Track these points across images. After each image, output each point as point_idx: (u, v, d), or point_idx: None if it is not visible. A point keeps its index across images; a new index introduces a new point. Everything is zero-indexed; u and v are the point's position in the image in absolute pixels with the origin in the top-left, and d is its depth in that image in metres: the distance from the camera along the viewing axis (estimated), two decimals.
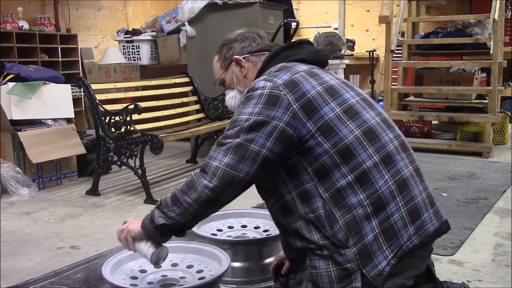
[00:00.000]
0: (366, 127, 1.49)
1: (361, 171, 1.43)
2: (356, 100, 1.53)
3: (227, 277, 2.02)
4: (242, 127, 1.45)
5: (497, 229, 2.88)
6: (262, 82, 1.50)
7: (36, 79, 4.00)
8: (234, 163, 1.42)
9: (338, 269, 1.40)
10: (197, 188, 1.44)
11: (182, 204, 1.47)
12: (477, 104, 5.56)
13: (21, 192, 3.68)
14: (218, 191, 1.43)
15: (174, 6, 6.45)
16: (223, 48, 1.78)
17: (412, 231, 1.45)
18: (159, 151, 3.45)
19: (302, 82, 1.49)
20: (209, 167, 1.44)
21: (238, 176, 1.42)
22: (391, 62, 5.34)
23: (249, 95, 1.50)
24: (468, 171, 4.22)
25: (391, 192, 1.44)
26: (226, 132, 1.48)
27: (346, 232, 1.40)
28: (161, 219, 1.50)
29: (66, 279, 2.24)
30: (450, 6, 7.52)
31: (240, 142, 1.43)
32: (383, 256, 1.40)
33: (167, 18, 6.30)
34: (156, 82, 4.46)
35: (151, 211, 1.56)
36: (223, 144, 1.46)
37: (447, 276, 2.24)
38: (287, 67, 1.57)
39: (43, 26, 6.31)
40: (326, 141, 1.43)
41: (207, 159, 1.47)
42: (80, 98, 6.36)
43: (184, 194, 1.47)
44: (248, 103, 1.48)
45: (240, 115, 1.47)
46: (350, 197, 1.42)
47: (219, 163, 1.43)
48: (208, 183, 1.43)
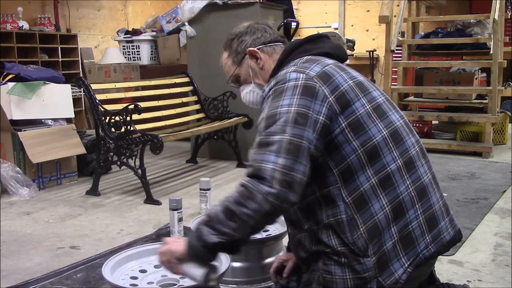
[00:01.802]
0: (393, 129, 1.45)
1: (385, 174, 1.39)
2: (382, 100, 1.49)
3: (227, 277, 2.02)
4: (287, 120, 1.31)
5: (497, 229, 2.88)
6: (293, 73, 1.41)
7: (36, 79, 4.00)
8: (290, 163, 1.27)
9: (355, 277, 1.35)
10: (256, 196, 1.25)
11: (239, 217, 1.27)
12: (477, 104, 5.56)
13: (21, 192, 3.68)
14: (283, 196, 1.25)
15: (174, 6, 6.45)
16: (233, 42, 1.68)
17: (429, 240, 1.43)
18: (159, 151, 3.45)
19: (334, 74, 1.43)
20: (264, 171, 1.26)
21: (296, 177, 1.27)
22: (391, 62, 5.34)
23: (281, 87, 1.39)
24: (468, 171, 4.22)
25: (411, 198, 1.41)
26: (267, 129, 1.33)
27: (366, 240, 1.35)
28: (214, 237, 1.30)
29: (66, 279, 2.24)
30: (450, 6, 7.52)
31: (290, 139, 1.29)
32: (399, 263, 1.37)
33: (167, 18, 6.30)
34: (156, 82, 4.46)
35: (196, 229, 1.35)
36: (269, 143, 1.30)
37: (447, 276, 2.24)
38: (315, 59, 1.49)
39: (43, 26, 6.31)
40: (355, 138, 1.37)
41: (256, 163, 1.29)
42: (80, 98, 6.36)
43: (240, 205, 1.27)
44: (281, 95, 1.37)
45: (278, 108, 1.34)
46: (373, 202, 1.36)
47: (274, 165, 1.26)
48: (269, 188, 1.24)
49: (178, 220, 2.67)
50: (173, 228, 2.68)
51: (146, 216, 3.23)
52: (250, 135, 4.63)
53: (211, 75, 4.70)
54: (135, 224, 3.08)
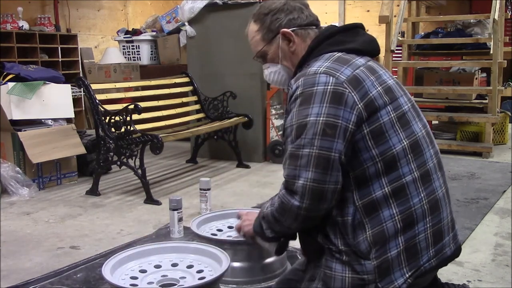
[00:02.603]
0: (414, 139, 1.42)
1: (400, 184, 1.38)
2: (408, 107, 1.46)
3: (227, 277, 2.02)
4: (315, 133, 1.32)
5: (497, 229, 2.88)
6: (323, 76, 1.37)
7: (36, 79, 4.00)
8: (320, 176, 1.31)
9: (354, 277, 1.37)
10: (290, 210, 1.36)
11: (282, 224, 1.43)
12: (477, 104, 5.56)
13: (21, 192, 3.68)
14: (314, 208, 1.34)
15: (174, 6, 6.46)
16: (266, 17, 1.56)
17: (432, 253, 1.43)
18: (159, 151, 3.45)
19: (365, 79, 1.39)
20: (296, 186, 1.33)
21: (328, 188, 1.32)
22: (391, 62, 5.34)
23: (310, 91, 1.36)
24: (468, 171, 4.22)
25: (423, 211, 1.41)
26: (296, 139, 1.35)
27: (370, 244, 1.36)
28: (269, 232, 1.50)
29: (66, 279, 2.23)
30: (450, 6, 7.52)
31: (319, 153, 1.32)
32: (400, 273, 1.37)
33: (167, 18, 6.30)
34: (156, 82, 4.46)
35: (257, 217, 1.54)
36: (298, 156, 1.34)
37: (447, 276, 2.24)
38: (346, 60, 1.43)
39: (43, 26, 6.32)
40: (375, 146, 1.36)
41: (289, 178, 1.35)
42: (80, 98, 6.37)
43: (281, 215, 1.41)
44: (309, 101, 1.35)
45: (307, 117, 1.34)
46: (383, 210, 1.37)
47: (305, 180, 1.32)
48: (299, 203, 1.33)
49: (178, 220, 2.67)
50: (173, 228, 2.68)
51: (146, 216, 3.23)
52: (250, 135, 4.63)
53: (211, 75, 4.70)
54: (135, 224, 3.08)
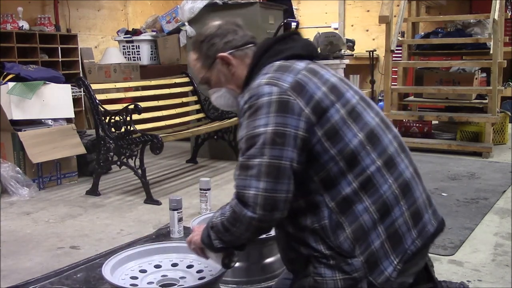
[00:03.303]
0: (368, 130, 1.43)
1: (365, 177, 1.39)
2: (356, 100, 1.47)
3: (227, 277, 2.02)
4: (264, 143, 1.33)
5: (497, 229, 2.88)
6: (266, 87, 1.38)
7: (36, 79, 4.00)
8: (271, 186, 1.32)
9: (345, 278, 1.37)
10: (242, 220, 1.36)
11: (233, 233, 1.41)
12: (477, 104, 5.56)
13: (21, 192, 3.68)
14: (267, 218, 1.34)
15: (174, 6, 6.45)
16: (203, 44, 1.59)
17: (415, 234, 1.44)
18: (159, 151, 3.45)
19: (307, 83, 1.40)
20: (247, 197, 1.33)
21: (280, 198, 1.33)
22: (391, 62, 5.34)
23: (254, 104, 1.38)
24: (468, 171, 4.22)
25: (395, 196, 1.42)
26: (247, 151, 1.36)
27: (352, 241, 1.36)
28: (218, 243, 1.47)
29: (66, 279, 2.24)
30: (450, 6, 7.52)
31: (268, 162, 1.32)
32: (388, 262, 1.38)
33: (167, 18, 6.30)
34: (156, 82, 4.46)
35: (206, 227, 1.51)
36: (249, 166, 1.34)
37: (447, 276, 2.24)
38: (286, 66, 1.45)
39: (43, 26, 6.31)
40: (332, 147, 1.38)
41: (240, 189, 1.36)
42: (80, 98, 6.36)
43: (232, 225, 1.40)
44: (256, 114, 1.37)
45: (255, 129, 1.35)
46: (357, 205, 1.37)
47: (256, 190, 1.32)
48: (252, 214, 1.33)
49: (178, 220, 2.67)
50: (173, 228, 2.68)
51: (146, 216, 3.23)
52: None
53: None
54: (135, 224, 3.08)
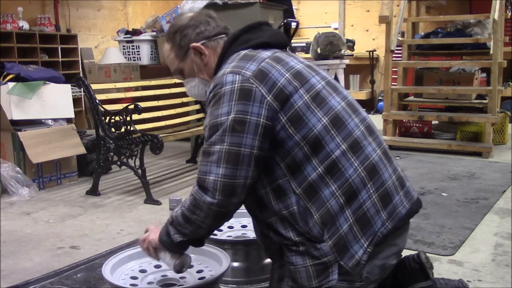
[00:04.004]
0: (333, 114, 1.44)
1: (331, 161, 1.40)
2: (322, 85, 1.48)
3: (227, 277, 2.02)
4: (224, 130, 1.37)
5: (497, 229, 2.88)
6: (230, 76, 1.41)
7: (36, 79, 4.00)
8: (230, 172, 1.36)
9: (315, 264, 1.39)
10: (202, 207, 1.39)
11: (193, 222, 1.43)
12: (477, 104, 5.55)
13: (21, 192, 3.68)
14: (225, 203, 1.37)
15: (174, 6, 6.46)
16: (176, 35, 1.61)
17: (385, 217, 1.43)
18: (159, 151, 3.45)
19: (271, 70, 1.42)
20: (207, 183, 1.37)
21: (239, 183, 1.36)
22: (391, 62, 5.34)
23: (218, 92, 1.40)
24: (468, 171, 4.22)
25: (362, 179, 1.42)
26: (209, 139, 1.40)
27: (321, 226, 1.38)
28: (177, 236, 1.47)
29: (66, 279, 2.24)
30: (450, 6, 7.52)
31: (228, 149, 1.36)
32: (358, 245, 1.39)
33: (167, 18, 6.30)
34: (156, 82, 4.46)
35: (165, 225, 1.52)
36: (210, 153, 1.38)
37: (447, 276, 2.24)
38: (251, 56, 1.47)
39: (43, 26, 6.31)
40: (296, 132, 1.39)
41: (201, 174, 1.39)
42: (80, 98, 6.36)
43: (192, 213, 1.42)
44: (219, 102, 1.39)
45: (218, 118, 1.38)
46: (323, 190, 1.39)
47: (216, 176, 1.36)
48: (211, 199, 1.37)
49: None
50: None
51: (146, 216, 3.23)
52: None
53: None
54: (135, 224, 3.08)
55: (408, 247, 2.57)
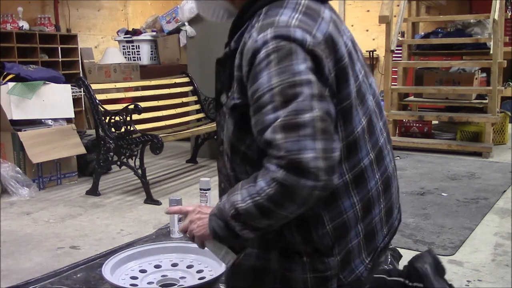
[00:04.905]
0: (368, 115, 1.24)
1: (359, 170, 1.22)
2: (362, 76, 1.24)
3: None
4: (312, 94, 1.06)
5: (497, 229, 2.88)
6: (299, 32, 1.09)
7: (36, 79, 4.00)
8: (328, 144, 1.06)
9: (316, 276, 1.22)
10: (298, 194, 1.07)
11: (276, 215, 1.11)
12: (477, 104, 5.56)
13: (21, 192, 3.68)
14: (330, 184, 1.08)
15: (174, 6, 6.45)
16: None
17: (385, 231, 1.34)
18: (159, 151, 3.45)
19: (339, 41, 1.16)
20: (305, 162, 1.04)
21: (336, 158, 1.08)
22: (391, 62, 5.34)
23: (288, 47, 1.08)
24: (468, 171, 4.22)
25: (378, 193, 1.28)
26: (286, 105, 1.06)
27: (332, 238, 1.20)
28: (247, 232, 1.16)
29: (66, 279, 2.23)
30: (450, 6, 7.52)
31: (321, 116, 1.06)
32: (359, 260, 1.26)
33: (167, 18, 6.30)
34: (156, 82, 4.46)
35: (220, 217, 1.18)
36: (298, 124, 1.05)
37: (447, 276, 2.23)
38: (316, 12, 1.17)
39: (43, 26, 6.32)
40: (343, 129, 1.17)
41: (292, 154, 1.05)
42: (80, 98, 6.37)
43: (277, 205, 1.09)
44: (292, 58, 1.07)
45: (295, 76, 1.06)
46: (344, 200, 1.21)
47: (314, 152, 1.04)
48: (313, 182, 1.05)
49: (178, 220, 2.67)
50: (173, 228, 2.68)
51: (146, 216, 3.23)
52: None
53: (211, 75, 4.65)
54: (135, 224, 3.08)
55: (408, 247, 2.57)
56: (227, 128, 1.23)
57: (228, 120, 1.22)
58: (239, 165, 1.24)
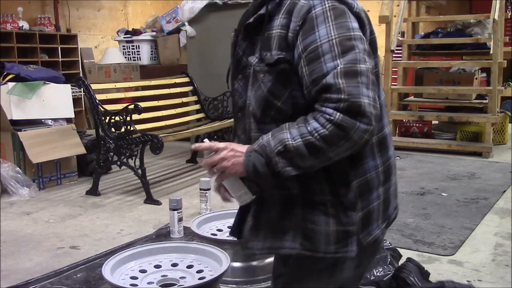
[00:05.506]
0: (383, 96, 1.39)
1: (383, 135, 1.34)
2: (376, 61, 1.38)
3: (227, 277, 2.02)
4: (364, 49, 1.21)
5: (497, 229, 2.88)
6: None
7: (36, 79, 4.00)
8: (376, 94, 1.20)
9: (339, 230, 1.28)
10: (354, 136, 1.15)
11: (325, 155, 1.19)
12: (477, 104, 5.56)
13: (21, 192, 3.68)
14: (375, 131, 1.22)
15: (174, 6, 6.45)
16: None
17: (395, 204, 1.44)
18: (159, 151, 3.45)
19: (365, 20, 1.31)
20: (363, 106, 1.15)
21: (378, 109, 1.20)
22: (391, 62, 5.34)
23: (341, 6, 1.22)
24: (468, 171, 4.22)
25: (394, 165, 1.41)
26: (346, 55, 1.18)
27: (356, 194, 1.28)
28: (291, 170, 1.20)
29: (66, 279, 2.23)
30: (450, 6, 7.52)
31: (371, 69, 1.20)
32: (376, 224, 1.34)
33: (167, 18, 6.30)
34: (156, 82, 4.46)
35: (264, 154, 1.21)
36: (358, 72, 1.17)
37: (447, 276, 2.24)
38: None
39: (43, 26, 6.32)
40: None
41: (353, 98, 1.15)
42: (80, 98, 6.37)
43: (330, 145, 1.17)
44: (346, 15, 1.21)
45: (351, 31, 1.20)
46: (368, 160, 1.30)
47: (369, 99, 1.16)
48: (367, 126, 1.15)
49: (178, 220, 2.67)
50: (173, 228, 2.68)
51: (146, 216, 3.23)
52: None
53: (211, 75, 4.70)
54: (135, 224, 3.08)
55: (408, 247, 2.58)
56: (259, 87, 1.28)
57: (262, 77, 1.27)
58: (268, 124, 1.29)
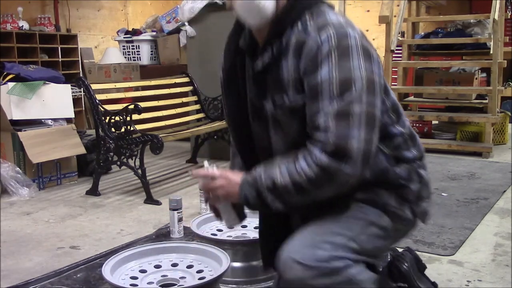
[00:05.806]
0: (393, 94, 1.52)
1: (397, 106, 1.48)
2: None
3: (227, 277, 2.02)
4: (362, 88, 1.21)
5: (497, 229, 2.88)
6: (350, 29, 1.26)
7: (36, 79, 4.00)
8: (369, 136, 1.20)
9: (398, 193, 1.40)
10: (336, 180, 1.18)
11: (310, 195, 1.23)
12: (477, 104, 5.56)
13: (21, 192, 3.68)
14: (363, 174, 1.22)
15: (174, 6, 6.45)
16: None
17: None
18: (159, 151, 3.45)
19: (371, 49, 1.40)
20: (349, 150, 1.17)
21: (373, 150, 1.22)
22: (391, 62, 5.34)
23: (345, 44, 1.23)
24: (468, 171, 4.22)
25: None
26: (342, 95, 1.20)
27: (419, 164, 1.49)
28: (278, 204, 1.27)
29: (66, 279, 2.24)
30: (450, 6, 7.52)
31: (367, 109, 1.20)
32: (426, 199, 1.50)
33: (167, 18, 6.30)
34: (156, 82, 4.46)
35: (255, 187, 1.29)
36: (349, 113, 1.18)
37: (447, 276, 2.24)
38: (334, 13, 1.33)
39: (43, 26, 6.32)
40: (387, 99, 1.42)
41: (340, 140, 1.17)
42: (80, 98, 6.37)
43: (315, 187, 1.20)
44: (349, 54, 1.23)
45: (351, 71, 1.21)
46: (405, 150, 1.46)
47: (358, 142, 1.18)
48: (352, 170, 1.18)
49: (178, 220, 2.67)
50: (173, 228, 2.68)
51: (146, 216, 3.23)
52: None
53: (211, 75, 4.69)
54: (135, 224, 3.08)
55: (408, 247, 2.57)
56: (283, 131, 1.35)
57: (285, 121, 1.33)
58: None
